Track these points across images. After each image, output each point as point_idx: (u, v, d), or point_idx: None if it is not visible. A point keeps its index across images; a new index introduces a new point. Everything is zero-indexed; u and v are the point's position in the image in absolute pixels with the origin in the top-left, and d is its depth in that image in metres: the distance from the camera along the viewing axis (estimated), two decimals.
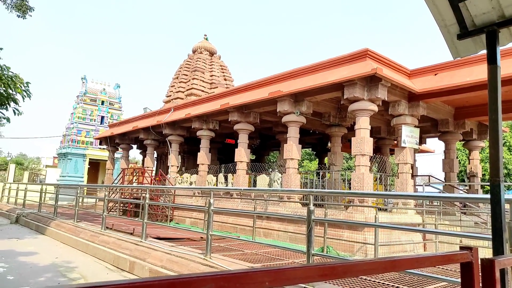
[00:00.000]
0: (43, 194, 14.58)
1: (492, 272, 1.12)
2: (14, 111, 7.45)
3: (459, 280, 1.23)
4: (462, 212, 11.83)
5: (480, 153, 14.35)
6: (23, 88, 7.37)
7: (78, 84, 36.33)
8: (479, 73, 8.93)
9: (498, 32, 2.66)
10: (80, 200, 16.17)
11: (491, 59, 2.70)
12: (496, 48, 2.70)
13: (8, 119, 7.46)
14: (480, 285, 1.18)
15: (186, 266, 5.92)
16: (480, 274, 1.17)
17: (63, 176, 27.57)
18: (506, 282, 2.20)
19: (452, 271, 5.81)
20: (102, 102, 30.01)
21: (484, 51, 2.94)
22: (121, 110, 30.99)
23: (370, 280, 5.15)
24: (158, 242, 7.69)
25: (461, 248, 1.17)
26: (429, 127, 13.66)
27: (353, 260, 0.96)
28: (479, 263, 1.16)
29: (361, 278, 5.24)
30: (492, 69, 2.69)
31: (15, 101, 7.35)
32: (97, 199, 18.06)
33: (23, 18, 8.65)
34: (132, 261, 6.93)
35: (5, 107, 7.26)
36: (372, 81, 9.61)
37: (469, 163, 14.47)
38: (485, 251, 8.06)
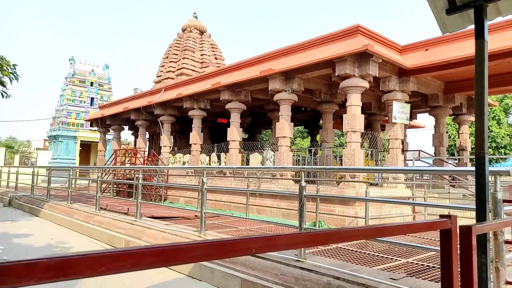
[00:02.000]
0: (35, 176, 14.54)
1: (469, 238, 1.19)
2: (2, 93, 7.33)
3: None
4: (451, 185, 12.09)
5: (469, 127, 14.53)
6: (10, 70, 7.23)
7: (67, 65, 35.66)
8: (469, 47, 8.94)
9: (485, 7, 2.67)
10: (73, 181, 16.15)
11: (479, 34, 2.72)
12: (483, 23, 2.71)
13: None
14: (458, 250, 1.25)
15: None
16: (458, 240, 1.24)
17: (54, 159, 27.41)
18: (487, 249, 2.30)
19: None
20: (91, 83, 29.55)
21: (472, 25, 2.96)
22: (111, 91, 30.58)
23: (361, 252, 5.31)
24: (153, 221, 7.78)
25: (441, 216, 1.22)
26: (419, 102, 13.75)
27: (336, 228, 1.01)
28: (458, 230, 1.23)
29: (353, 250, 5.40)
30: (479, 43, 2.72)
31: (3, 84, 7.23)
32: (90, 181, 18.05)
33: None
34: (128, 240, 7.02)
35: None
36: (363, 57, 9.59)
37: (458, 137, 14.67)
38: (472, 222, 8.29)
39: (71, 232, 8.87)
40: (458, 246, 1.28)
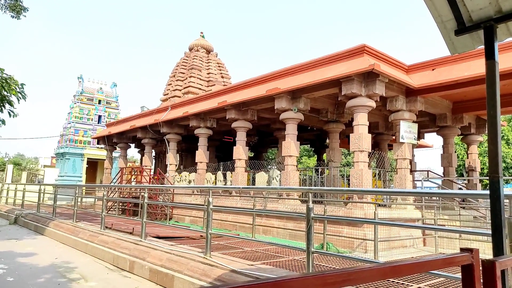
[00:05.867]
0: (42, 194, 14.54)
1: (493, 274, 1.11)
2: (9, 113, 7.39)
3: (458, 275, 1.21)
4: (461, 207, 11.85)
5: (478, 147, 14.35)
6: (18, 90, 7.32)
7: (75, 83, 36.17)
8: (477, 67, 8.91)
9: (495, 28, 2.64)
10: (79, 200, 16.14)
11: (489, 55, 2.68)
12: (494, 44, 2.68)
13: (3, 121, 7.39)
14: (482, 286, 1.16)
15: (185, 265, 5.91)
16: (481, 275, 1.16)
17: (61, 176, 27.51)
18: (506, 282, 2.19)
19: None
20: (99, 101, 29.92)
21: (482, 46, 2.92)
22: (118, 109, 30.90)
23: None
24: (158, 241, 7.67)
25: (462, 250, 1.15)
26: (427, 122, 13.65)
27: (353, 268, 0.95)
28: (480, 264, 1.15)
29: None
30: (490, 64, 2.67)
31: (10, 103, 7.31)
32: (96, 199, 18.03)
33: (17, 19, 8.58)
34: (132, 261, 6.91)
35: (0, 109, 7.21)
36: (369, 77, 9.59)
37: (467, 158, 14.47)
38: (484, 245, 8.07)
39: (76, 251, 8.78)
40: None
